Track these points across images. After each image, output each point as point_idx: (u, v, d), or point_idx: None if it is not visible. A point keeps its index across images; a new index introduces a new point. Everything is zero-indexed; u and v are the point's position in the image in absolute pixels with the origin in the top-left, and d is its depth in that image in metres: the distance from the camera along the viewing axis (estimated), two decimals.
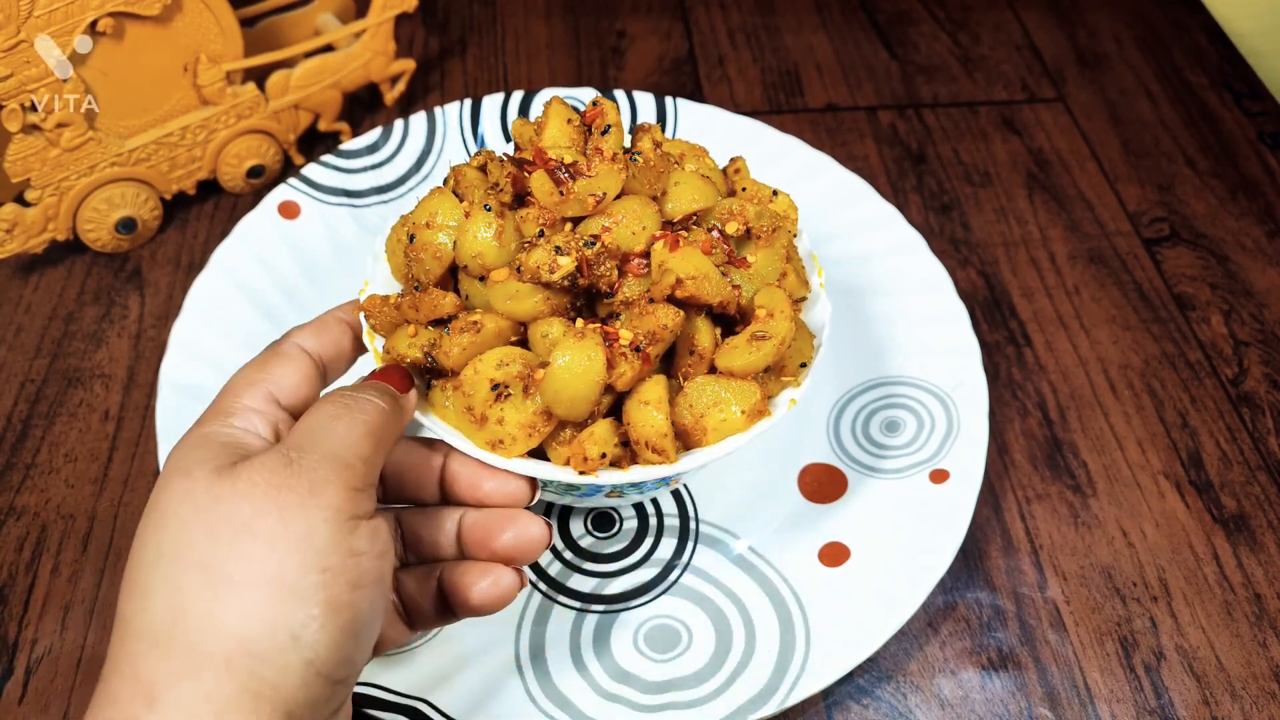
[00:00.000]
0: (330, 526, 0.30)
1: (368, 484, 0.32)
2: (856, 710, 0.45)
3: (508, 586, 0.37)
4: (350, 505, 0.31)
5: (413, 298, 0.39)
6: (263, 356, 0.37)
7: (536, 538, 0.37)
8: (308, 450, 0.32)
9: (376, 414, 0.34)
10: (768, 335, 0.38)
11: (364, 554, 0.31)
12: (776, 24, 0.78)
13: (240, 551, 0.29)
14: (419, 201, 0.41)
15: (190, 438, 0.33)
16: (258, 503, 0.30)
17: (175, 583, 0.29)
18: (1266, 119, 0.72)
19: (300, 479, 0.31)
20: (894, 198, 0.66)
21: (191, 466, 0.31)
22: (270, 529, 0.30)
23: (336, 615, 0.30)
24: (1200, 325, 0.60)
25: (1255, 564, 0.50)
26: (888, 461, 0.50)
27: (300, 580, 0.29)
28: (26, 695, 0.44)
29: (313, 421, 0.33)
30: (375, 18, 0.63)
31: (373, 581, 0.31)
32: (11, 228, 0.56)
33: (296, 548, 0.29)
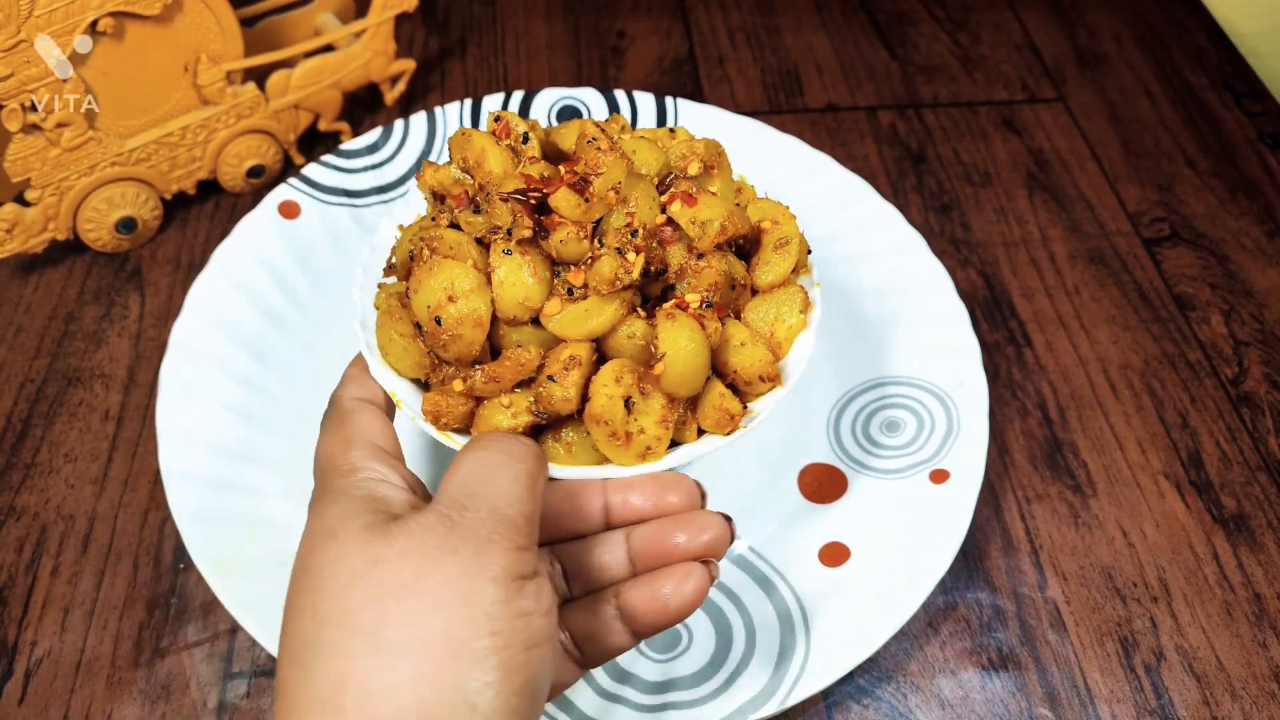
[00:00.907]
0: (497, 587, 0.29)
1: (531, 542, 0.31)
2: (856, 710, 0.45)
3: (700, 581, 0.34)
4: (517, 565, 0.30)
5: (488, 371, 0.38)
6: (334, 419, 0.36)
7: (720, 534, 0.35)
8: (469, 509, 0.30)
9: (535, 462, 0.33)
10: (787, 239, 0.42)
11: (533, 614, 0.29)
12: (776, 24, 0.78)
13: (407, 616, 0.28)
14: (413, 286, 0.38)
15: (323, 499, 0.32)
16: (419, 565, 0.28)
17: (340, 650, 0.28)
18: (1266, 119, 0.72)
19: (465, 541, 0.29)
20: (894, 198, 0.66)
21: (337, 527, 0.30)
22: (434, 591, 0.28)
23: (511, 679, 0.28)
24: (1200, 325, 0.60)
25: (1255, 564, 0.50)
26: (888, 461, 0.50)
27: (471, 644, 0.28)
28: (26, 697, 0.44)
29: (468, 471, 0.32)
30: (375, 18, 0.63)
31: (545, 640, 0.30)
32: (11, 227, 0.56)
33: (464, 610, 0.28)
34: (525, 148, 0.41)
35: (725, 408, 0.39)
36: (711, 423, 0.39)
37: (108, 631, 0.46)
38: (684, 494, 0.36)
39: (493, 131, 0.42)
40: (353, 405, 0.37)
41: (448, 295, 0.37)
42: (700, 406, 0.40)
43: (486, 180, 0.40)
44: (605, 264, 0.37)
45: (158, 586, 0.47)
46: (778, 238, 0.42)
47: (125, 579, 0.48)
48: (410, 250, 0.41)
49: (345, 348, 0.53)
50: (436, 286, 0.37)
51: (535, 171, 0.39)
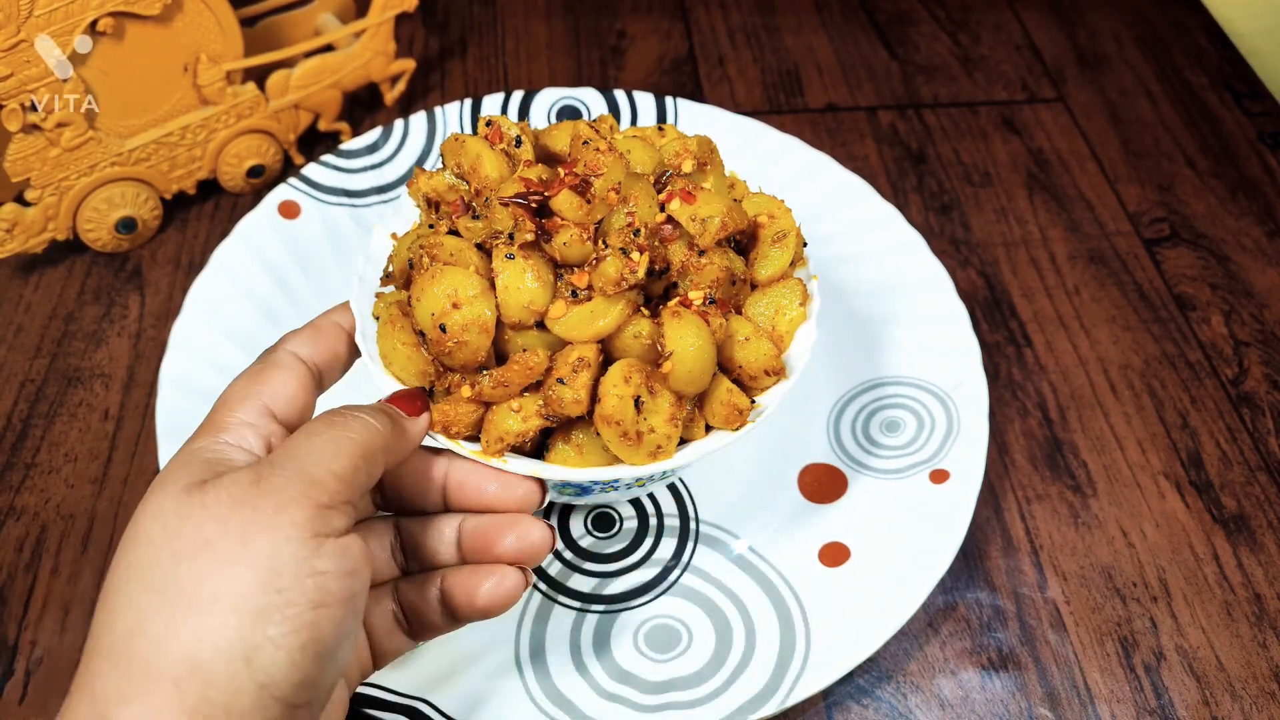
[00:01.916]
0: (292, 545, 0.30)
1: (339, 501, 0.31)
2: (856, 710, 0.45)
3: (512, 586, 0.37)
4: (316, 523, 0.30)
5: (496, 376, 0.37)
6: (257, 366, 0.37)
7: (539, 541, 0.37)
8: (278, 466, 0.31)
9: (363, 430, 0.33)
10: (783, 232, 0.42)
11: (327, 573, 0.30)
12: (776, 24, 0.78)
13: (200, 572, 0.29)
14: (415, 295, 0.38)
15: (179, 454, 0.33)
16: (222, 521, 0.29)
17: (137, 603, 0.29)
18: (1266, 119, 0.72)
19: (266, 497, 0.30)
20: (894, 198, 0.66)
21: (167, 483, 0.31)
22: (231, 548, 0.29)
23: (294, 636, 0.29)
24: (1200, 325, 0.60)
25: (1255, 564, 0.50)
26: (888, 461, 0.50)
27: (257, 601, 0.29)
28: (27, 696, 0.44)
29: (296, 438, 0.33)
30: (375, 18, 0.63)
31: (338, 601, 0.30)
32: (11, 227, 0.56)
33: (255, 567, 0.29)
34: (518, 151, 0.41)
35: (733, 403, 0.39)
36: (720, 419, 0.40)
37: None
38: (524, 496, 0.38)
39: (485, 136, 0.41)
40: (284, 359, 0.37)
41: (451, 302, 0.37)
42: (708, 403, 0.40)
43: (483, 185, 0.40)
44: (610, 264, 0.37)
45: None
46: (774, 231, 0.42)
47: None
48: (409, 258, 0.41)
49: None
50: (440, 294, 0.37)
51: (534, 175, 0.39)
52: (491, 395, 0.38)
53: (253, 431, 0.34)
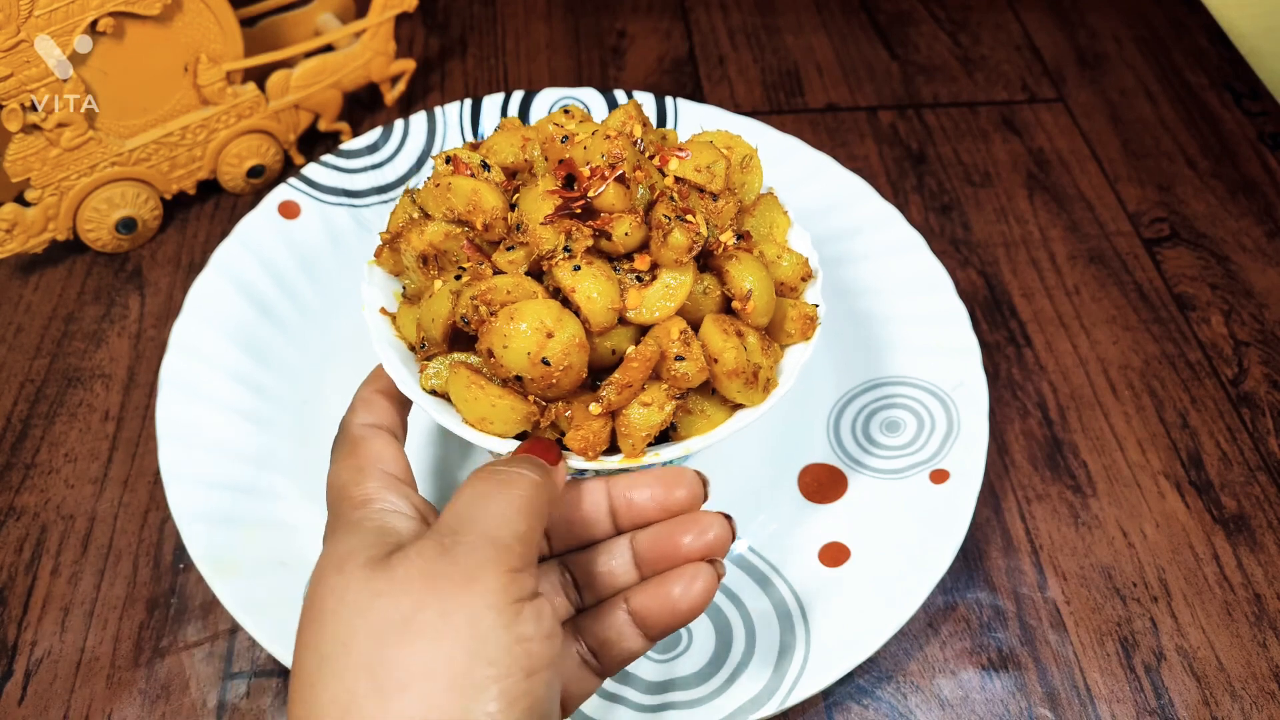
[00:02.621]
0: (494, 613, 0.29)
1: (526, 564, 0.31)
2: (856, 710, 0.45)
3: (707, 580, 0.35)
4: (512, 589, 0.30)
5: (618, 381, 0.37)
6: (345, 447, 0.36)
7: (721, 534, 0.35)
8: (462, 534, 0.30)
9: (530, 487, 0.32)
10: (747, 155, 0.45)
11: (531, 639, 0.29)
12: (777, 24, 0.78)
13: (405, 649, 0.28)
14: (498, 343, 0.36)
15: (337, 530, 0.32)
16: (416, 596, 0.29)
17: (342, 686, 0.28)
18: (1266, 119, 0.72)
19: (456, 566, 0.29)
20: (894, 198, 0.66)
21: (344, 561, 0.30)
22: (432, 622, 0.28)
23: (514, 707, 0.28)
24: (1200, 325, 0.60)
25: (1255, 564, 0.50)
26: (888, 461, 0.50)
27: (471, 674, 0.28)
28: (26, 697, 0.44)
29: (462, 500, 0.32)
30: (375, 18, 0.63)
31: (546, 665, 0.30)
32: (11, 227, 0.56)
33: (461, 640, 0.28)
34: (489, 175, 0.41)
35: (804, 313, 0.42)
36: (798, 331, 0.42)
37: (108, 631, 0.46)
38: (688, 487, 0.37)
39: (455, 174, 0.41)
40: (364, 432, 0.37)
41: (545, 334, 0.36)
42: (782, 325, 0.42)
43: (491, 219, 0.39)
44: (677, 236, 0.38)
45: (157, 586, 0.47)
46: (740, 158, 0.44)
47: (125, 579, 0.48)
48: (462, 317, 0.38)
49: (345, 348, 0.54)
50: (530, 331, 0.36)
51: (549, 185, 0.39)
52: (620, 401, 0.38)
53: (395, 494, 0.34)
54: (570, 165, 0.39)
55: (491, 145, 0.43)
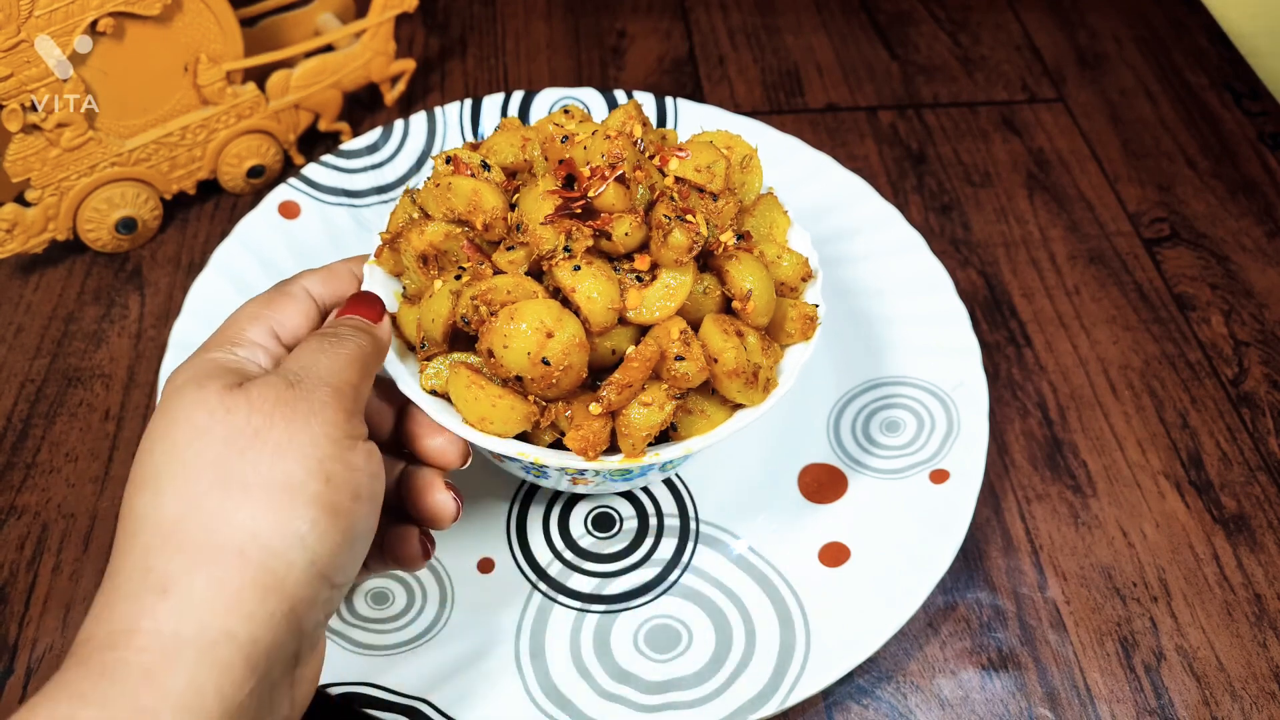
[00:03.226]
0: (331, 440, 0.32)
1: (358, 408, 0.35)
2: (856, 710, 0.45)
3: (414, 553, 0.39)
4: (347, 424, 0.33)
5: (618, 380, 0.37)
6: (270, 294, 0.39)
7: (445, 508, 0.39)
8: (304, 375, 0.34)
9: (358, 347, 0.36)
10: (747, 155, 0.45)
11: (360, 469, 0.33)
12: (777, 24, 0.78)
13: (251, 457, 0.31)
14: (498, 343, 0.37)
15: (197, 359, 0.35)
16: (268, 414, 0.32)
17: (189, 481, 0.31)
18: (1266, 119, 0.72)
19: (302, 400, 0.33)
20: (894, 198, 0.66)
21: (204, 379, 0.33)
22: (278, 438, 0.32)
23: (337, 520, 0.32)
24: (1200, 325, 0.60)
25: (1255, 564, 0.50)
26: (888, 461, 0.50)
27: (306, 485, 0.31)
28: (28, 694, 0.44)
29: (302, 354, 0.35)
30: (375, 18, 0.63)
31: (369, 496, 0.33)
32: (11, 228, 0.56)
33: (302, 457, 0.32)
34: (489, 175, 0.41)
35: (804, 313, 0.42)
36: (799, 331, 0.42)
37: None
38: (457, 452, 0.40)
39: (455, 173, 0.41)
40: (296, 291, 0.39)
41: (545, 334, 0.36)
42: (782, 325, 0.42)
43: (491, 219, 0.39)
44: (677, 236, 0.38)
45: None
46: (739, 158, 0.44)
47: None
48: (462, 317, 0.38)
49: None
50: (529, 331, 0.36)
51: (549, 185, 0.39)
52: (620, 401, 0.38)
53: (262, 351, 0.37)
54: (570, 165, 0.39)
55: (491, 145, 0.43)
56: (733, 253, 0.40)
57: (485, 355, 0.38)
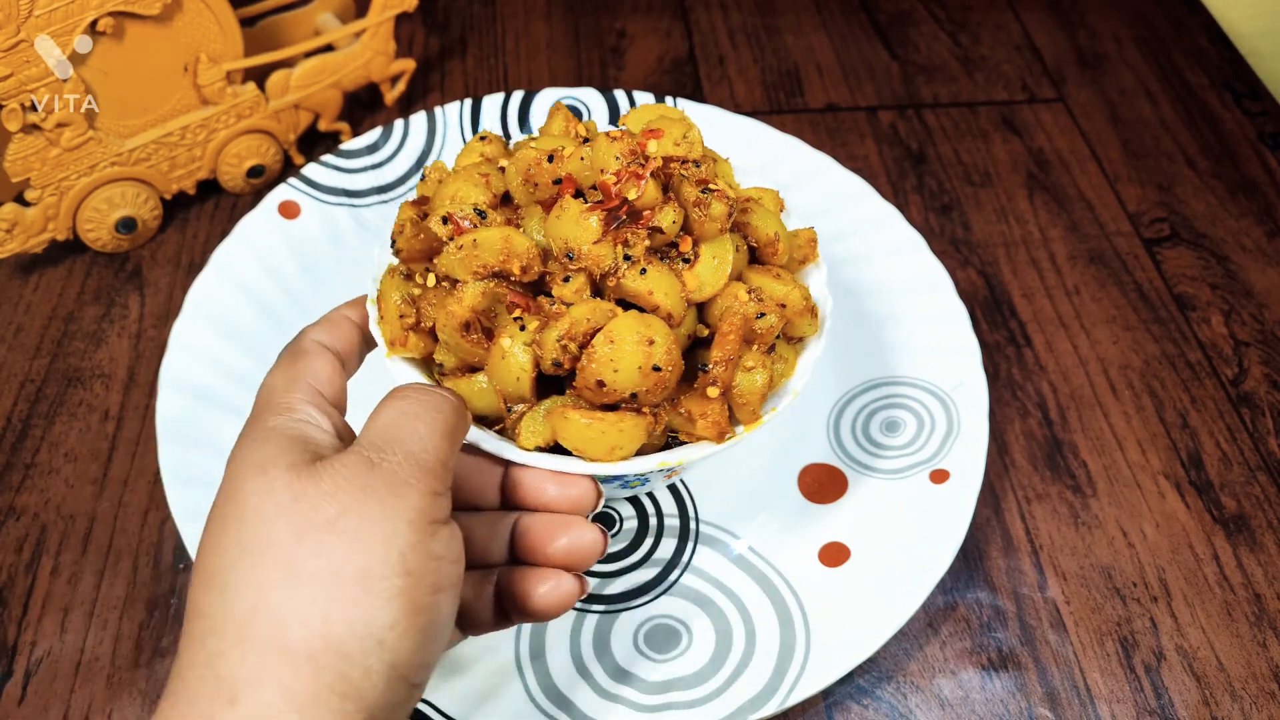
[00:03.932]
0: (412, 529, 0.30)
1: (446, 487, 0.32)
2: (856, 710, 0.45)
3: (569, 591, 0.36)
4: (431, 509, 0.31)
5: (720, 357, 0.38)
6: (289, 356, 0.37)
7: (590, 544, 0.37)
8: (388, 452, 0.31)
9: (453, 413, 0.34)
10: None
11: (443, 558, 0.31)
12: (777, 24, 0.78)
13: (324, 550, 0.29)
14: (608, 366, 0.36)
15: (255, 433, 0.33)
16: (341, 502, 0.30)
17: (258, 579, 0.29)
18: (1266, 119, 0.72)
19: (382, 481, 0.30)
20: (894, 198, 0.66)
21: (267, 463, 0.31)
22: (354, 529, 0.29)
23: (418, 617, 0.29)
24: (1200, 325, 0.60)
25: (1255, 564, 0.50)
26: (888, 461, 0.50)
27: (384, 582, 0.29)
28: (26, 697, 0.44)
29: (388, 419, 0.33)
30: (375, 17, 0.63)
31: (450, 585, 0.31)
32: (11, 227, 0.56)
33: (380, 549, 0.29)
34: (489, 220, 0.39)
35: (807, 237, 0.45)
36: (809, 253, 0.45)
37: (108, 631, 0.46)
38: (580, 495, 0.38)
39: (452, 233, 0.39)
40: (311, 347, 0.37)
41: (646, 342, 0.36)
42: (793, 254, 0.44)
43: (527, 260, 0.38)
44: (717, 206, 0.38)
45: (158, 586, 0.47)
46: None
47: (125, 579, 0.48)
48: (553, 361, 0.37)
49: None
50: (634, 346, 0.36)
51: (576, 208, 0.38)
52: (729, 376, 0.38)
53: (316, 410, 0.34)
54: (572, 180, 0.39)
55: (455, 194, 0.40)
56: (744, 205, 0.41)
57: (595, 387, 0.36)
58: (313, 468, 0.31)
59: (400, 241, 0.40)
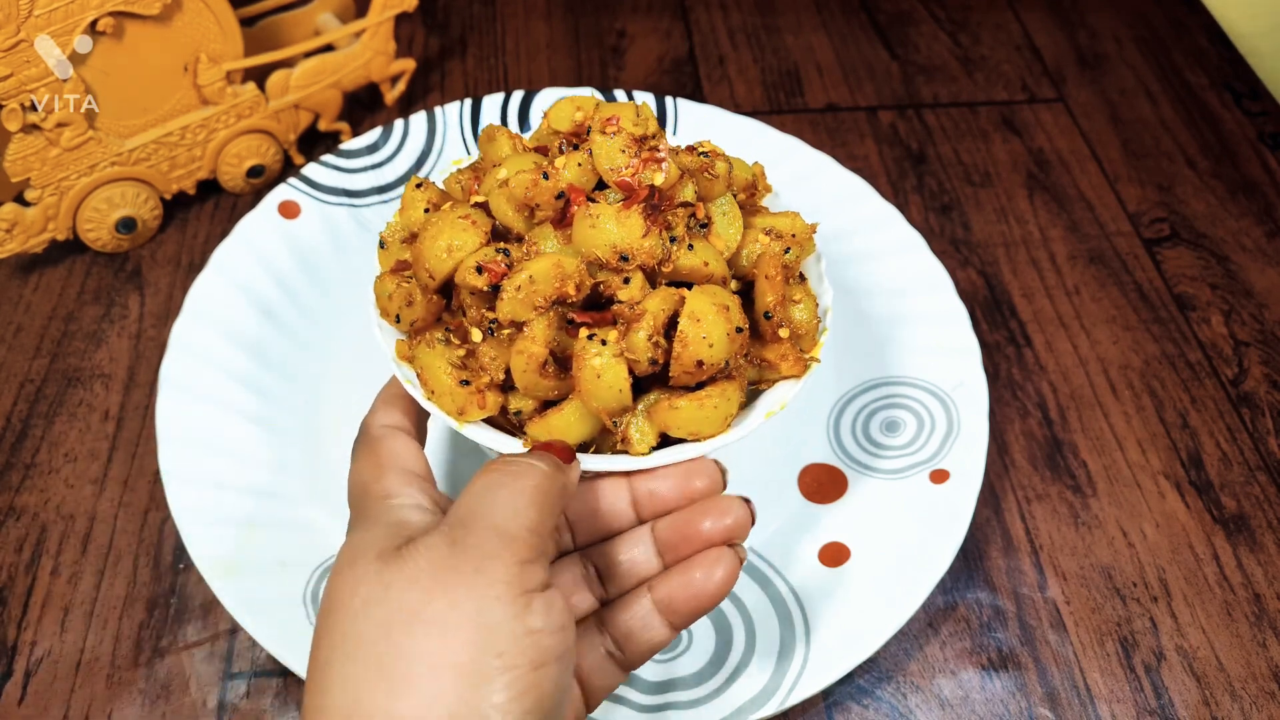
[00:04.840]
0: (502, 604, 0.29)
1: (537, 554, 0.31)
2: (856, 710, 0.45)
3: (730, 564, 0.35)
4: (520, 580, 0.29)
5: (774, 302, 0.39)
6: (365, 449, 0.36)
7: (741, 516, 0.35)
8: (470, 526, 0.30)
9: (540, 478, 0.32)
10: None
11: (540, 631, 0.29)
12: (777, 24, 0.78)
13: (413, 641, 0.28)
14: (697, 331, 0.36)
15: (358, 524, 0.33)
16: (425, 588, 0.29)
17: (352, 677, 0.28)
18: (1266, 119, 0.72)
19: (464, 557, 0.29)
20: (894, 198, 0.66)
21: (357, 555, 0.30)
22: (440, 615, 0.28)
23: (522, 698, 0.28)
24: (1200, 325, 0.60)
25: (1255, 564, 0.50)
26: (888, 461, 0.50)
27: (479, 666, 0.28)
28: (26, 697, 0.44)
29: (473, 493, 0.32)
30: (375, 17, 0.63)
31: (555, 659, 0.29)
32: (11, 227, 0.56)
33: (468, 632, 0.28)
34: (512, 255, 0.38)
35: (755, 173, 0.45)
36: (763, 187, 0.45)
37: (108, 631, 0.46)
38: (708, 477, 0.37)
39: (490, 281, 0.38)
40: (383, 432, 0.37)
41: (724, 309, 0.37)
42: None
43: (580, 280, 0.37)
44: (720, 165, 0.40)
45: (158, 586, 0.47)
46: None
47: (125, 579, 0.48)
48: (650, 359, 0.37)
49: (345, 347, 0.54)
50: (714, 321, 0.36)
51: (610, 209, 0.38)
52: (786, 313, 0.40)
53: (415, 488, 0.34)
54: (575, 189, 0.38)
55: (451, 245, 0.38)
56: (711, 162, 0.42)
57: (695, 368, 0.36)
58: (398, 554, 0.30)
59: (408, 314, 0.39)
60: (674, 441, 0.39)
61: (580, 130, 0.42)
